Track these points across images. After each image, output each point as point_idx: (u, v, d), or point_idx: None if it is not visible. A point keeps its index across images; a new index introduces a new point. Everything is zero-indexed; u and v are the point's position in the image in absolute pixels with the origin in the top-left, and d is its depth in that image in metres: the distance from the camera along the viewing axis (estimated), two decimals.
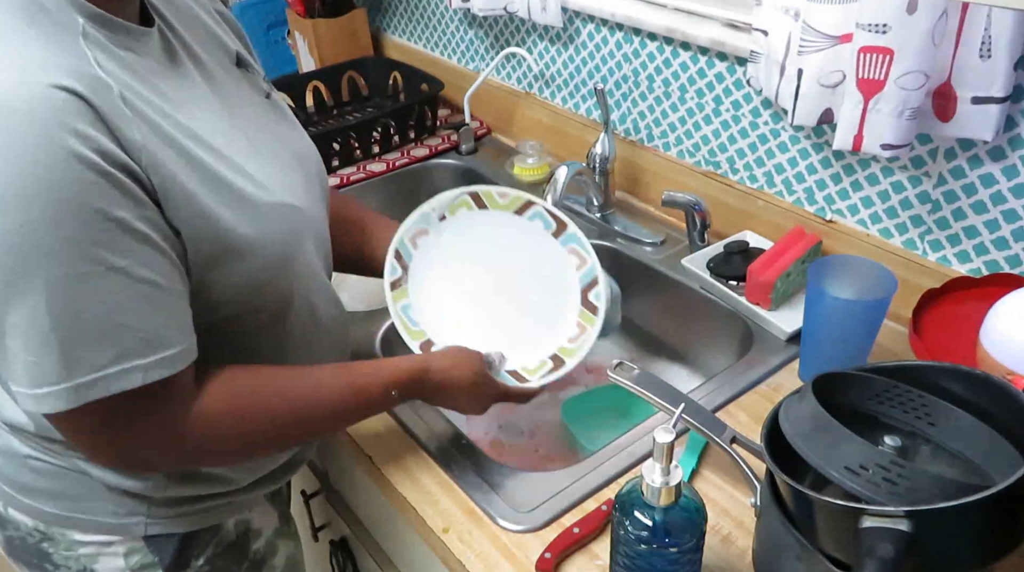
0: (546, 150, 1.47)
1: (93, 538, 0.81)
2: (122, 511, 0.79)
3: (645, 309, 1.25)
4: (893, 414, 0.70)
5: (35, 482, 0.80)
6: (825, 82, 0.94)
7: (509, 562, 0.78)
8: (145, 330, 0.62)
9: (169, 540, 0.82)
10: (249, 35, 1.99)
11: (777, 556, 0.68)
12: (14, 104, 0.56)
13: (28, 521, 0.81)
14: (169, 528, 0.81)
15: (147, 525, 0.80)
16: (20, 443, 0.79)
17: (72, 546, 0.81)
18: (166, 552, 0.82)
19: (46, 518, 0.81)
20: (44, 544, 0.82)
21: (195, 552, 0.84)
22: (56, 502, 0.80)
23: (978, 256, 0.97)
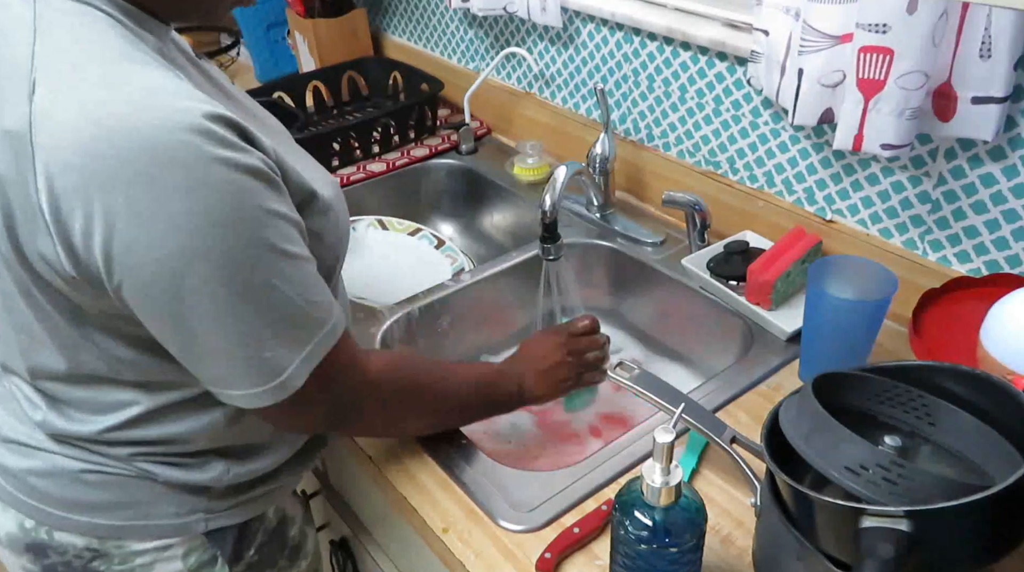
0: (546, 150, 1.47)
1: (152, 544, 0.80)
2: (183, 510, 0.80)
3: (645, 309, 1.25)
4: (893, 414, 0.70)
5: (90, 496, 0.78)
6: (825, 82, 0.94)
7: (509, 562, 0.78)
8: (320, 299, 0.70)
9: (227, 533, 0.84)
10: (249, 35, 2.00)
11: (777, 556, 0.68)
12: (178, 142, 0.58)
13: (79, 541, 0.79)
14: (226, 521, 0.83)
15: (207, 521, 0.82)
16: (71, 460, 0.78)
17: (128, 558, 0.80)
18: (226, 545, 0.84)
19: (101, 532, 0.79)
20: (95, 563, 0.80)
21: (247, 543, 0.86)
22: (114, 513, 0.79)
23: (978, 256, 0.97)
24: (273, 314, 0.65)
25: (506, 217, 1.48)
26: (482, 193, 1.51)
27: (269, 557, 0.90)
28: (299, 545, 0.95)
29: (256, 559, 0.88)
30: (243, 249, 0.62)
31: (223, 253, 0.61)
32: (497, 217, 1.50)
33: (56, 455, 0.78)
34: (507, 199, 1.46)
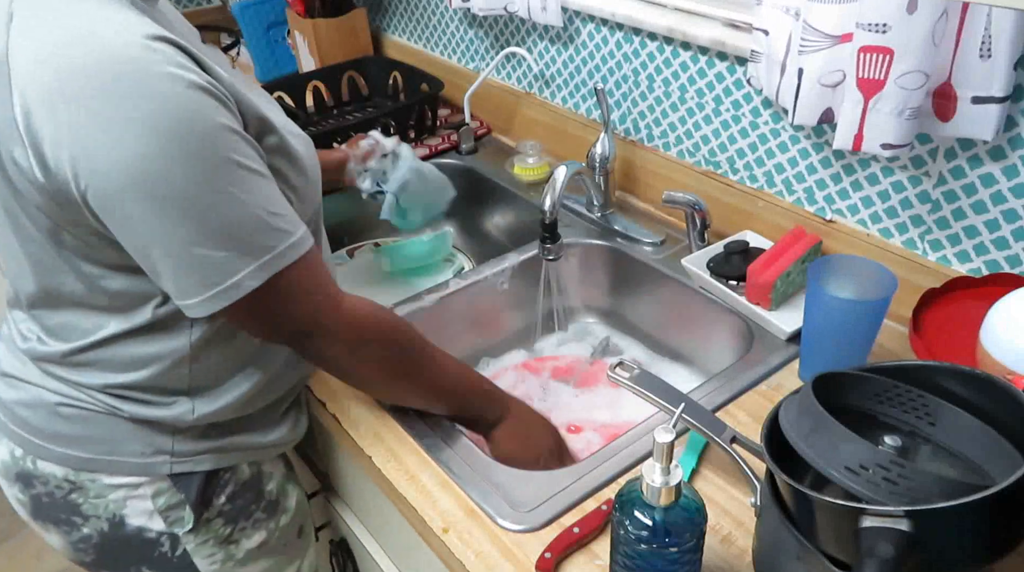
0: (546, 150, 1.47)
1: (122, 480, 0.86)
2: (148, 451, 0.85)
3: (645, 309, 1.25)
4: (893, 414, 0.70)
5: (65, 428, 0.84)
6: (825, 82, 0.94)
7: (509, 562, 0.78)
8: (281, 213, 0.74)
9: (192, 478, 0.88)
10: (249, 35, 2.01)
11: (777, 556, 0.68)
12: (128, 56, 0.65)
13: (58, 471, 0.85)
14: (191, 467, 0.87)
15: (172, 464, 0.86)
16: (50, 393, 0.84)
17: (102, 491, 0.86)
18: (190, 490, 0.88)
19: (76, 464, 0.85)
20: (73, 495, 0.86)
21: (216, 490, 0.90)
22: (86, 446, 0.84)
23: (978, 256, 0.97)
24: (228, 218, 0.69)
25: (506, 217, 1.48)
26: (482, 193, 1.51)
27: (243, 508, 0.93)
28: (277, 500, 0.98)
29: (228, 508, 0.91)
30: (197, 155, 0.66)
31: (178, 158, 0.65)
32: (497, 217, 1.50)
33: (38, 388, 0.85)
34: (507, 199, 1.46)
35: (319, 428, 1.08)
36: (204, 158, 0.67)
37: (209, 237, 0.69)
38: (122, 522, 0.87)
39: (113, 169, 0.65)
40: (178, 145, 0.65)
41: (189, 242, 0.69)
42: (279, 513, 0.98)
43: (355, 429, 0.95)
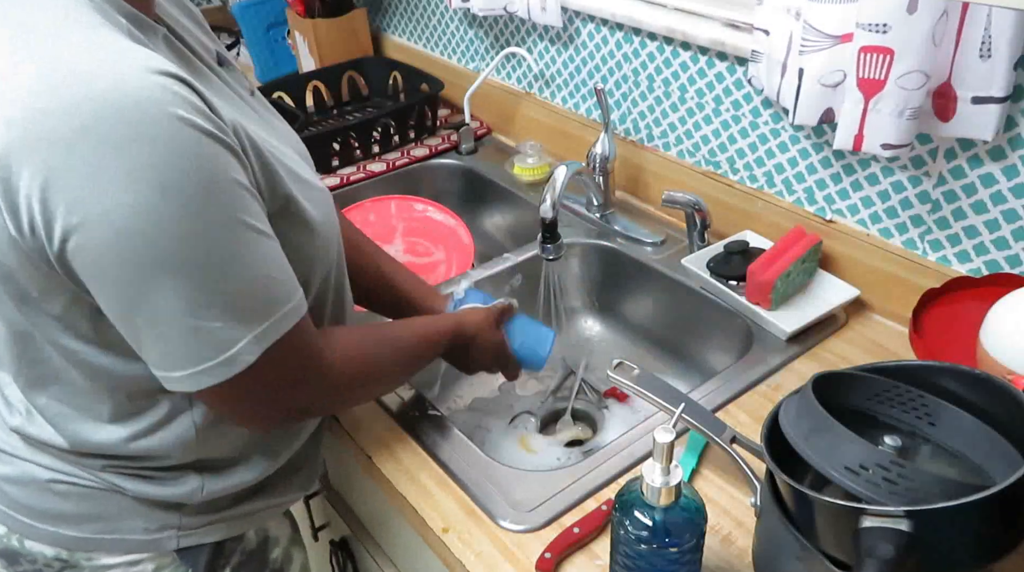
0: (546, 150, 1.47)
1: (121, 559, 0.79)
2: (153, 526, 0.79)
3: (645, 309, 1.25)
4: (893, 414, 0.70)
5: (59, 506, 0.77)
6: (826, 82, 0.94)
7: (509, 562, 0.78)
8: (282, 278, 0.67)
9: (200, 551, 0.81)
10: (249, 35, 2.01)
11: (777, 556, 0.68)
12: (128, 92, 0.56)
13: (48, 551, 0.78)
14: (200, 539, 0.81)
15: (179, 538, 0.80)
16: (42, 468, 0.77)
17: (97, 571, 0.79)
18: (198, 563, 0.81)
19: (70, 544, 0.78)
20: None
21: (221, 562, 0.84)
22: (83, 525, 0.78)
23: (978, 256, 0.97)
24: (228, 285, 0.62)
25: (506, 217, 1.48)
26: (482, 193, 1.51)
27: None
28: (280, 568, 0.92)
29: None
30: (201, 214, 0.59)
31: (179, 215, 0.58)
32: (497, 217, 1.50)
33: (28, 463, 0.77)
34: (507, 199, 1.46)
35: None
36: (209, 218, 0.59)
37: (203, 304, 0.61)
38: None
39: (100, 222, 0.56)
40: (179, 201, 0.57)
41: (181, 310, 0.60)
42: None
43: (355, 429, 0.95)
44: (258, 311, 0.64)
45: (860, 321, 1.06)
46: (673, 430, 0.63)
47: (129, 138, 0.55)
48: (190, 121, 0.57)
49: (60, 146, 0.55)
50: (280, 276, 0.67)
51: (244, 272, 0.63)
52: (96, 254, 0.58)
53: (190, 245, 0.59)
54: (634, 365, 0.86)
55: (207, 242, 0.60)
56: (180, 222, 0.58)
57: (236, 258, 0.62)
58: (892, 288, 1.04)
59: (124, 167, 0.55)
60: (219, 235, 0.60)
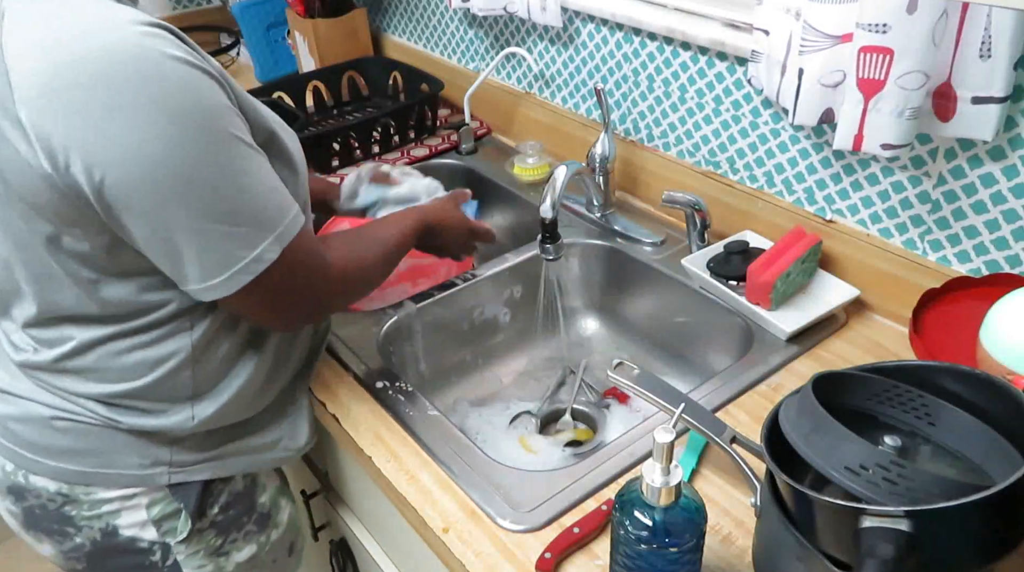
0: (546, 150, 1.47)
1: (116, 493, 0.85)
2: (147, 461, 0.85)
3: (645, 309, 1.25)
4: (893, 414, 0.70)
5: (59, 441, 0.83)
6: (826, 82, 0.94)
7: (509, 562, 0.78)
8: (282, 188, 0.76)
9: (190, 488, 0.87)
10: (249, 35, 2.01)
11: (777, 556, 0.68)
12: (127, 43, 0.65)
13: (51, 485, 0.84)
14: (189, 476, 0.87)
15: (170, 474, 0.86)
16: (43, 406, 0.83)
17: (96, 504, 0.85)
18: (189, 499, 0.88)
19: (70, 478, 0.84)
20: (66, 508, 0.85)
21: (211, 500, 0.90)
22: (81, 459, 0.83)
23: (978, 256, 0.97)
24: (243, 193, 0.71)
25: (506, 217, 1.48)
26: (482, 193, 1.50)
27: (235, 519, 0.93)
28: (269, 514, 0.97)
29: (220, 519, 0.91)
30: (208, 133, 0.68)
31: (191, 137, 0.67)
32: (497, 217, 1.50)
33: (31, 401, 0.84)
34: (507, 199, 1.46)
35: (319, 428, 1.08)
36: (214, 136, 0.68)
37: (228, 213, 0.70)
38: (115, 532, 0.87)
39: (130, 156, 0.65)
40: (190, 125, 0.66)
41: (212, 219, 0.70)
42: (270, 527, 0.97)
43: (355, 429, 0.95)
44: (272, 215, 0.73)
45: (860, 321, 1.06)
46: (673, 430, 0.63)
47: (138, 79, 0.64)
48: (178, 57, 0.66)
49: (82, 94, 0.64)
50: (280, 186, 0.76)
51: (254, 181, 0.72)
52: (131, 186, 0.66)
53: (207, 162, 0.68)
54: (634, 365, 0.86)
55: (217, 157, 0.69)
56: (195, 142, 0.67)
57: (245, 170, 0.71)
58: (892, 288, 1.04)
59: (136, 104, 0.64)
60: (227, 150, 0.69)
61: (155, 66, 0.65)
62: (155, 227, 0.69)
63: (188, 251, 0.71)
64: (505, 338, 1.27)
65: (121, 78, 0.64)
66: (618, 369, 0.86)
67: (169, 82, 0.65)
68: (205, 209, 0.69)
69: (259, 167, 0.73)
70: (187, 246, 0.70)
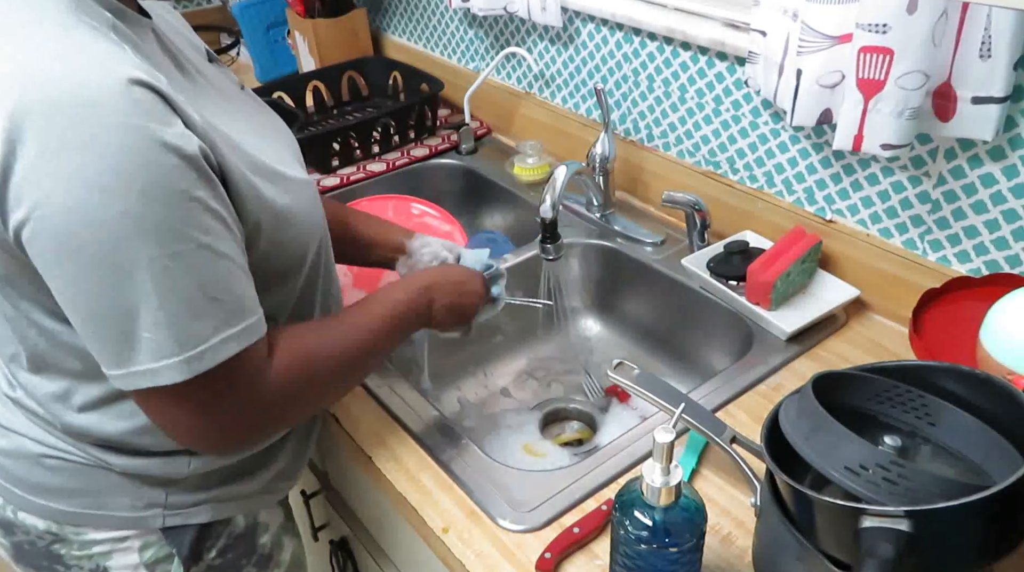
0: (546, 150, 1.47)
1: (108, 535, 0.81)
2: (140, 504, 0.80)
3: (645, 309, 1.25)
4: (893, 414, 0.70)
5: (49, 480, 0.80)
6: (824, 82, 0.94)
7: (509, 562, 0.78)
8: (232, 301, 0.66)
9: (185, 531, 0.83)
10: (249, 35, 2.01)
11: (777, 556, 0.68)
12: (99, 100, 0.58)
13: (39, 524, 0.81)
14: (185, 519, 0.82)
15: (165, 517, 0.81)
16: (34, 443, 0.79)
17: (86, 545, 0.81)
18: (183, 543, 0.83)
19: (59, 517, 0.80)
20: (55, 546, 0.82)
21: (208, 544, 0.85)
22: (71, 500, 0.80)
23: (978, 256, 0.97)
24: (159, 298, 0.62)
25: (506, 217, 1.48)
26: (482, 193, 1.51)
27: (233, 562, 0.88)
28: (270, 555, 0.92)
29: (218, 563, 0.86)
30: (139, 220, 0.59)
31: (112, 218, 0.59)
32: (497, 217, 1.50)
33: (23, 437, 0.80)
34: (507, 199, 1.46)
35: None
36: (149, 227, 0.60)
37: (133, 312, 0.62)
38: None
39: (46, 216, 0.59)
40: (119, 206, 0.59)
41: (112, 312, 0.62)
42: (271, 568, 0.93)
43: (355, 429, 0.95)
44: (191, 332, 0.63)
45: (860, 321, 1.06)
46: (673, 430, 0.63)
47: (80, 141, 0.57)
48: (146, 130, 0.59)
49: (25, 135, 0.57)
50: (225, 298, 0.65)
51: (180, 288, 0.62)
52: (41, 246, 0.61)
53: (124, 250, 0.60)
54: (634, 365, 0.86)
55: (142, 250, 0.60)
56: (117, 226, 0.59)
57: (171, 272, 0.62)
58: (892, 288, 1.04)
59: (71, 167, 0.58)
60: (157, 245, 0.61)
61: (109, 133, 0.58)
62: (60, 295, 0.63)
63: (83, 331, 0.64)
64: (505, 338, 1.27)
65: (80, 136, 0.57)
66: (618, 369, 0.86)
67: (118, 153, 0.58)
68: (106, 299, 0.61)
69: (202, 271, 0.63)
70: (83, 327, 0.64)
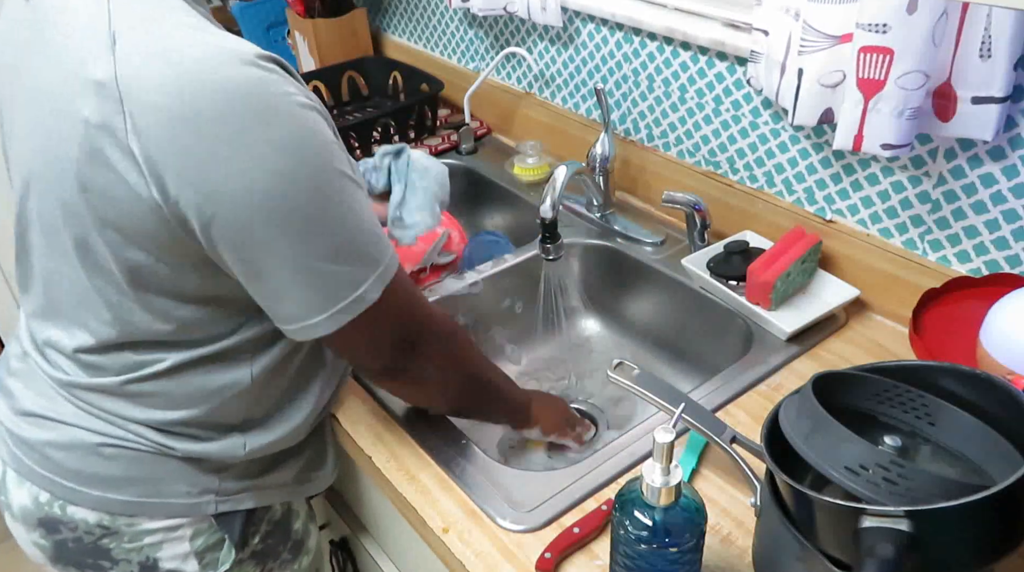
0: (546, 150, 1.47)
1: (161, 524, 0.83)
2: (195, 490, 0.83)
3: (645, 309, 1.25)
4: (893, 414, 0.70)
5: (106, 469, 0.80)
6: (825, 82, 0.94)
7: (509, 562, 0.78)
8: (380, 227, 0.75)
9: (235, 517, 0.86)
10: (249, 35, 2.01)
11: (777, 556, 0.68)
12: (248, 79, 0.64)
13: (91, 517, 0.81)
14: (234, 505, 0.86)
15: (217, 503, 0.84)
16: (90, 433, 0.80)
17: (138, 536, 0.82)
18: (233, 529, 0.86)
19: (114, 508, 0.81)
20: (105, 540, 0.82)
21: (252, 530, 0.89)
22: (129, 488, 0.81)
23: (978, 256, 0.97)
24: (349, 232, 0.70)
25: (506, 217, 1.48)
26: (482, 193, 1.51)
27: (273, 548, 0.92)
28: (302, 540, 0.96)
29: (260, 548, 0.90)
30: (320, 173, 0.67)
31: (304, 177, 0.66)
32: (497, 217, 1.50)
33: (76, 428, 0.80)
34: (507, 199, 1.46)
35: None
36: (325, 176, 0.68)
37: (335, 252, 0.69)
38: (155, 565, 0.84)
39: (244, 195, 0.64)
40: (303, 164, 0.65)
41: (318, 258, 0.69)
42: (302, 554, 0.97)
43: (355, 429, 0.95)
44: (373, 254, 0.72)
45: (860, 321, 1.06)
46: (673, 430, 0.63)
47: (259, 117, 0.63)
48: (295, 97, 0.66)
49: (201, 127, 0.62)
50: (378, 225, 0.74)
51: (358, 220, 0.71)
52: (241, 225, 0.66)
53: (318, 201, 0.67)
54: (634, 365, 0.86)
55: (328, 196, 0.68)
56: (309, 182, 0.66)
57: (351, 209, 0.70)
58: (892, 288, 1.04)
59: (258, 142, 0.63)
60: (338, 189, 0.69)
61: (273, 105, 0.64)
62: (260, 265, 0.69)
63: (291, 289, 0.70)
64: (505, 339, 1.26)
65: (240, 116, 0.63)
66: (618, 369, 0.86)
67: (285, 121, 0.65)
68: (312, 248, 0.68)
69: (362, 205, 0.72)
70: (290, 284, 0.70)
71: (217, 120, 0.62)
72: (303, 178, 0.66)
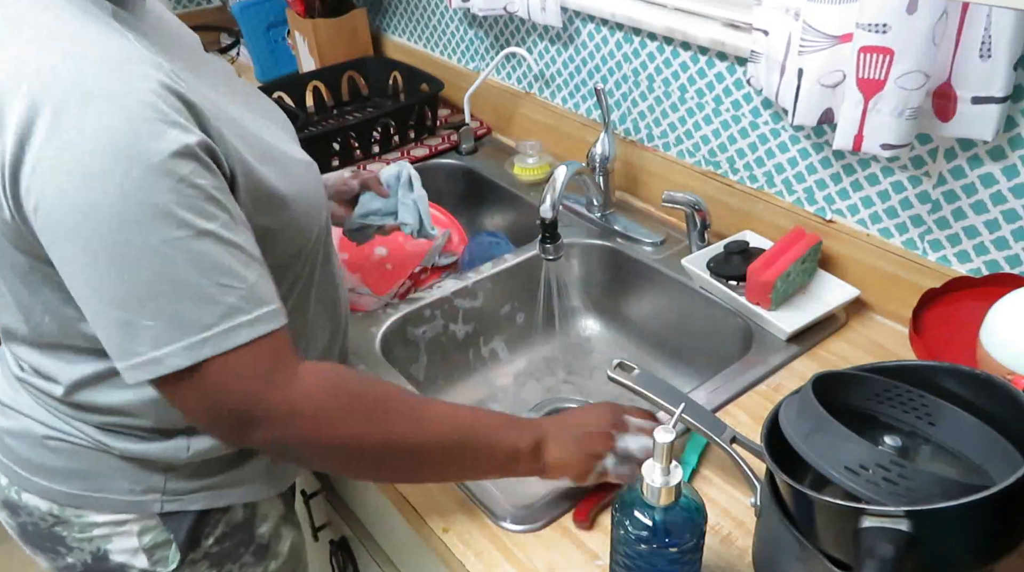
0: (546, 150, 1.47)
1: (108, 518, 0.82)
2: (138, 488, 0.81)
3: (645, 309, 1.25)
4: (893, 414, 0.70)
5: (52, 462, 0.81)
6: (825, 82, 0.94)
7: (509, 562, 0.78)
8: (244, 287, 0.65)
9: (183, 518, 0.84)
10: (249, 35, 2.01)
11: (777, 556, 0.68)
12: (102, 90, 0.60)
13: (42, 505, 0.83)
14: (183, 506, 0.83)
15: (163, 502, 0.82)
16: (39, 424, 0.81)
17: (86, 528, 0.83)
18: (179, 530, 0.84)
19: (61, 499, 0.82)
20: (57, 528, 0.83)
21: (206, 531, 0.86)
22: (72, 481, 0.81)
23: (978, 256, 0.97)
24: (160, 286, 0.62)
25: (506, 217, 1.48)
26: (482, 193, 1.51)
27: (231, 551, 0.88)
28: (268, 544, 0.92)
29: (215, 550, 0.87)
30: (138, 206, 0.60)
31: (118, 202, 0.60)
32: (497, 217, 1.50)
33: (28, 418, 0.82)
34: (507, 199, 1.46)
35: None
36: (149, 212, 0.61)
37: (136, 299, 0.62)
38: (105, 557, 0.84)
39: (56, 202, 0.60)
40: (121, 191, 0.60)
41: (115, 303, 0.63)
42: (268, 558, 0.93)
43: None
44: (195, 318, 0.63)
45: (860, 321, 1.06)
46: (673, 430, 0.63)
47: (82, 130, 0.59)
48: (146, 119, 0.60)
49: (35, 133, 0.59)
50: (234, 285, 0.64)
51: (180, 275, 0.63)
52: (49, 237, 0.62)
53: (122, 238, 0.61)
54: (634, 365, 0.86)
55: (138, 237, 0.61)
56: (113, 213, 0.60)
57: (171, 259, 0.62)
58: (892, 288, 1.04)
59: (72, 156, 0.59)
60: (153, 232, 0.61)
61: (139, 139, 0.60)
62: (67, 279, 0.64)
63: (93, 323, 0.65)
64: (505, 339, 1.27)
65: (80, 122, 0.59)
66: (618, 369, 0.86)
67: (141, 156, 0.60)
68: (112, 289, 0.62)
69: (205, 255, 0.63)
70: (92, 318, 0.65)
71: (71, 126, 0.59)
72: (111, 204, 0.60)
